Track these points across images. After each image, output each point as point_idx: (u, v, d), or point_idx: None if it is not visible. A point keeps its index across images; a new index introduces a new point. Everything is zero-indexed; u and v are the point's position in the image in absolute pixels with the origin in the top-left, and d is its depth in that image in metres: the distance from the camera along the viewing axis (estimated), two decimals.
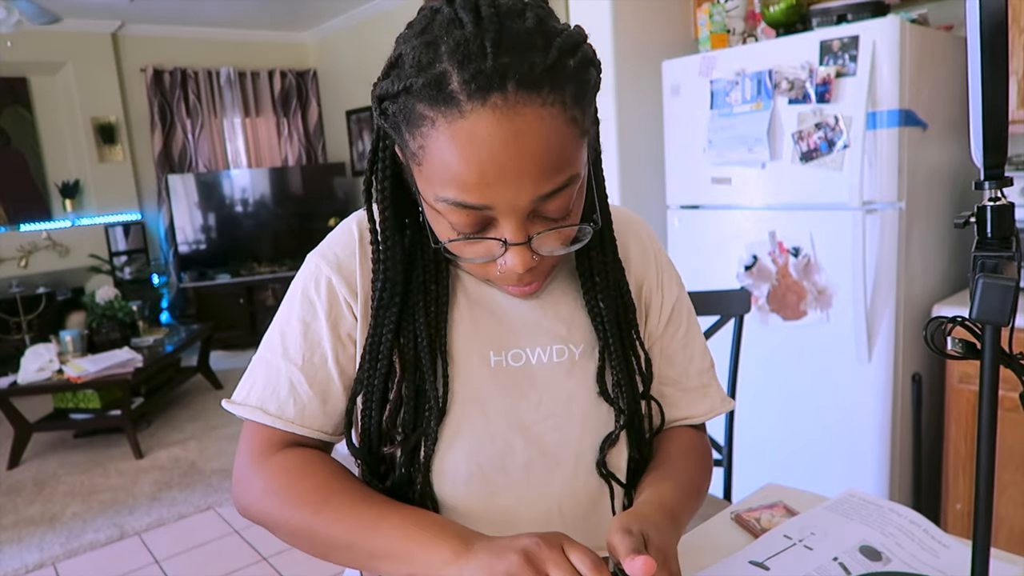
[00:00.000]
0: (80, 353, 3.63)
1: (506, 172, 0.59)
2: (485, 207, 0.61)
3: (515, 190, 0.60)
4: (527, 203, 0.61)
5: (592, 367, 0.80)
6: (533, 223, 0.65)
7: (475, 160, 0.59)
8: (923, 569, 0.77)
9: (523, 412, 0.77)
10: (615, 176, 2.49)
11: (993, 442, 0.52)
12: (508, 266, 0.66)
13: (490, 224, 0.64)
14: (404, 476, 0.75)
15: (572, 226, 0.67)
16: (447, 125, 0.59)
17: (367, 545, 0.66)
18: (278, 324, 0.78)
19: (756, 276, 2.16)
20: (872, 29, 1.82)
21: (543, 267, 0.70)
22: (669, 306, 0.87)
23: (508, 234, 0.63)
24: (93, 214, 5.23)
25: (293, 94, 5.99)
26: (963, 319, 0.54)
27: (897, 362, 1.96)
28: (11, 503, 3.06)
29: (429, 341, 0.74)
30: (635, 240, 0.87)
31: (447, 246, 0.67)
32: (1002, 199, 0.52)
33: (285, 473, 0.73)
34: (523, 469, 0.76)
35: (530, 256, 0.65)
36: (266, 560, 2.48)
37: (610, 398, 0.79)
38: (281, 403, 0.75)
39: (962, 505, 1.97)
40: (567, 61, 0.60)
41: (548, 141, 0.60)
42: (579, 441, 0.78)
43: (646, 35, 2.49)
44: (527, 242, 0.64)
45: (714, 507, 1.42)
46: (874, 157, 1.87)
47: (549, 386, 0.78)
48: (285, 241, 5.62)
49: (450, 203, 0.62)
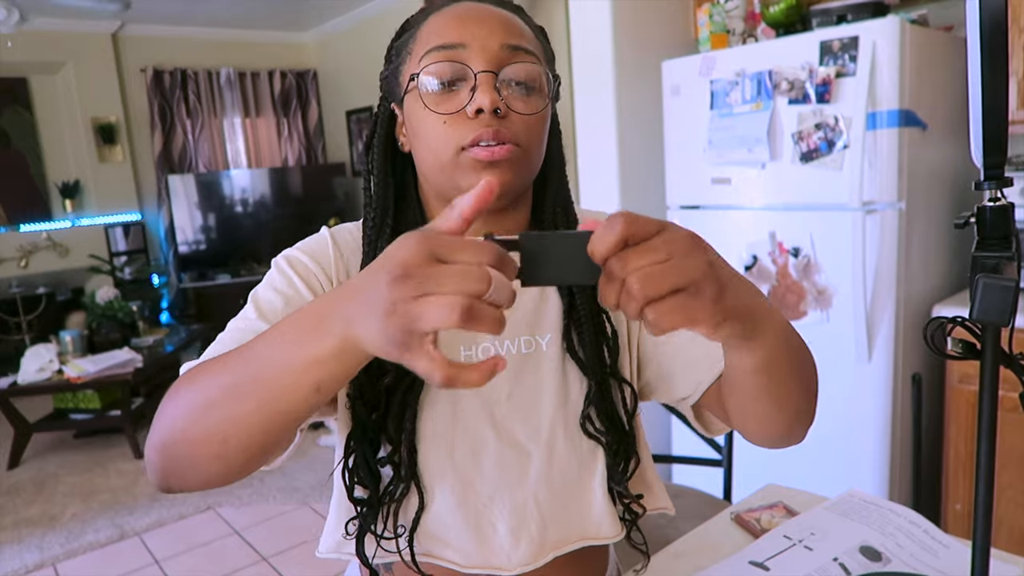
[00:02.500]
0: (80, 353, 3.63)
1: (482, 17, 0.72)
2: (460, 44, 0.70)
3: (486, 30, 0.70)
4: (496, 46, 0.70)
5: (558, 356, 0.80)
6: (503, 84, 0.71)
7: (453, 14, 0.72)
8: (923, 569, 0.77)
9: (493, 405, 0.77)
10: (615, 176, 2.48)
11: (993, 442, 0.52)
12: (477, 102, 0.69)
13: (463, 76, 0.71)
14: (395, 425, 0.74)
15: (535, 116, 0.73)
16: (436, 14, 0.74)
17: (258, 381, 0.52)
18: (251, 299, 0.76)
19: (756, 276, 2.16)
20: (872, 29, 1.82)
21: (511, 130, 0.71)
22: None
23: (478, 66, 0.70)
24: (93, 214, 5.23)
25: (293, 94, 5.99)
26: (963, 319, 0.54)
27: (897, 362, 1.96)
28: (11, 503, 3.06)
29: None
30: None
31: (426, 103, 0.71)
32: (1002, 199, 0.52)
33: (193, 370, 0.60)
34: (496, 462, 0.77)
35: (496, 95, 0.69)
36: (266, 560, 2.47)
37: (576, 356, 0.79)
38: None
39: (962, 505, 1.97)
40: (526, 16, 0.77)
41: (512, 16, 0.74)
42: (549, 431, 0.78)
43: (646, 35, 2.49)
44: (495, 73, 0.70)
45: (714, 507, 1.42)
46: (874, 157, 1.88)
47: (518, 378, 0.78)
48: (285, 241, 5.46)
49: (431, 50, 0.71)
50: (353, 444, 0.77)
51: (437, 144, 0.72)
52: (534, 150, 0.74)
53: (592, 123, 2.52)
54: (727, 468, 1.49)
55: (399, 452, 0.75)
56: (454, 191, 0.73)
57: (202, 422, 0.55)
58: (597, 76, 2.46)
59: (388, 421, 0.75)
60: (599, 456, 0.80)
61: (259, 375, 0.52)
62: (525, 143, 0.72)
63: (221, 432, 0.54)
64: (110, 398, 3.58)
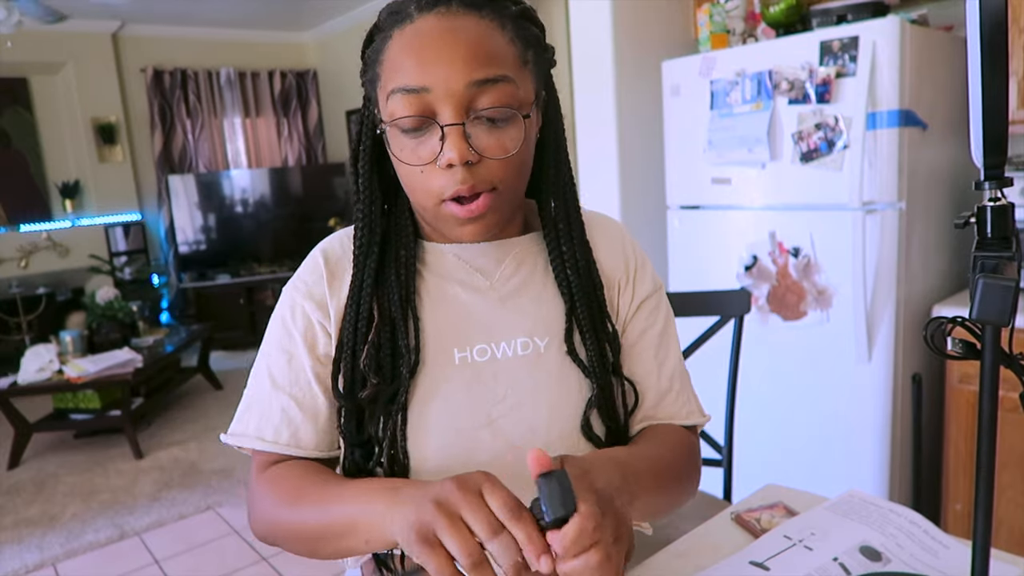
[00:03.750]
0: (80, 353, 3.63)
1: (442, 54, 0.68)
2: (423, 88, 0.68)
3: (449, 70, 0.67)
4: (461, 87, 0.68)
5: (557, 359, 0.80)
6: (473, 125, 0.70)
7: (416, 47, 0.69)
8: (923, 569, 0.77)
9: (489, 406, 0.78)
10: (615, 176, 2.49)
11: (993, 442, 0.52)
12: (446, 157, 0.68)
13: (432, 124, 0.69)
14: (382, 434, 0.77)
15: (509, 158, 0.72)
16: (399, 33, 0.71)
17: (334, 524, 0.68)
18: (263, 357, 0.83)
19: (756, 276, 2.16)
20: (872, 29, 1.82)
21: (484, 174, 0.71)
22: (640, 298, 0.87)
23: (445, 118, 0.68)
24: (93, 214, 5.23)
25: (293, 94, 5.99)
26: (963, 319, 0.54)
27: (897, 362, 1.96)
28: (11, 503, 3.06)
29: (400, 298, 0.78)
30: (604, 236, 0.88)
31: (400, 158, 0.72)
32: (1002, 199, 0.52)
33: (274, 478, 0.77)
34: (491, 462, 0.77)
35: (466, 147, 0.68)
36: (266, 560, 2.48)
37: (578, 358, 0.80)
38: (276, 429, 0.79)
39: (962, 505, 1.97)
40: (509, 4, 0.73)
41: (482, 38, 0.69)
42: (546, 432, 0.79)
43: (646, 35, 2.49)
44: (462, 124, 0.68)
45: (714, 507, 1.42)
46: (874, 157, 1.88)
47: (515, 379, 0.79)
48: (285, 241, 5.62)
49: (396, 91, 0.69)
50: (346, 450, 0.80)
51: (418, 191, 0.74)
52: (513, 183, 0.75)
53: (592, 123, 2.52)
54: (727, 468, 1.49)
55: (390, 455, 0.76)
56: (441, 230, 0.77)
57: (295, 545, 0.75)
58: (597, 76, 2.46)
59: (376, 429, 0.77)
60: None
61: (334, 544, 0.69)
62: (502, 182, 0.72)
63: (306, 549, 0.74)
64: (110, 398, 3.58)
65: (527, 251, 0.83)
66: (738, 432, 1.51)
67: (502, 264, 0.82)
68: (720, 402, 1.49)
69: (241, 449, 0.81)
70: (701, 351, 1.49)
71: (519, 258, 0.83)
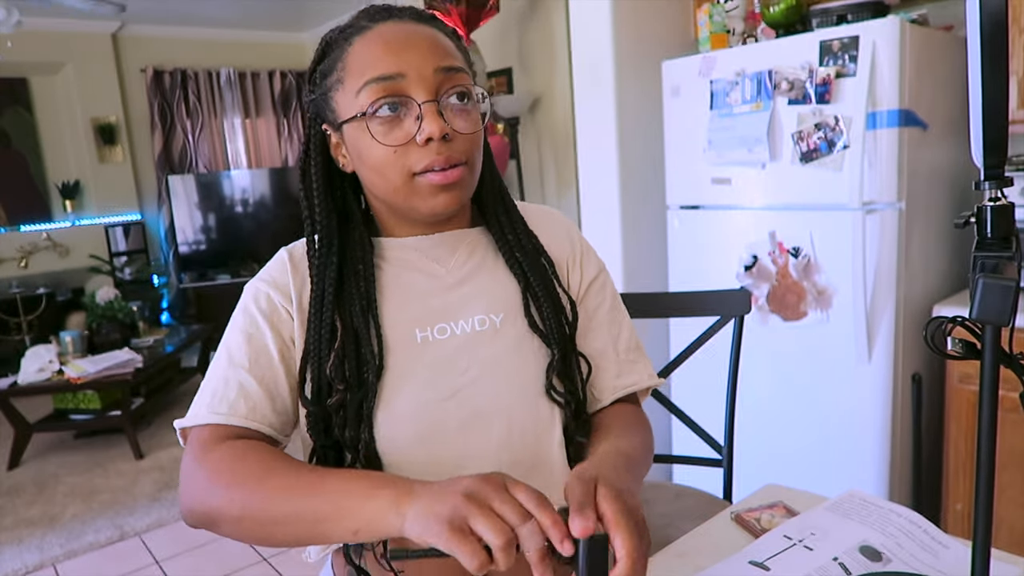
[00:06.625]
0: (80, 354, 3.63)
1: (411, 43, 0.76)
2: (398, 75, 0.75)
3: (419, 57, 0.75)
4: (430, 71, 0.75)
5: (513, 332, 0.85)
6: (444, 106, 0.76)
7: (385, 41, 0.76)
8: (923, 569, 0.77)
9: (452, 378, 0.81)
10: (615, 176, 2.48)
11: (993, 442, 0.52)
12: (426, 131, 0.74)
13: (406, 105, 0.76)
14: (351, 436, 0.78)
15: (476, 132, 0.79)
16: (361, 38, 0.78)
17: (311, 509, 0.66)
18: (224, 342, 0.83)
19: (756, 276, 2.16)
20: (872, 29, 1.82)
21: (458, 151, 0.77)
22: (588, 279, 0.93)
23: (421, 96, 0.75)
24: (93, 215, 5.23)
25: (293, 94, 5.98)
26: (963, 319, 0.54)
27: (897, 362, 1.96)
28: (11, 504, 3.06)
29: (361, 308, 0.81)
30: (545, 224, 0.93)
31: (376, 138, 0.76)
32: (1002, 199, 0.52)
33: (229, 457, 0.73)
34: (459, 430, 0.80)
35: (443, 121, 0.75)
36: (266, 560, 2.48)
37: (537, 328, 0.85)
38: (231, 403, 0.78)
39: (962, 505, 1.97)
40: (447, 28, 0.83)
41: (438, 37, 0.79)
42: (508, 398, 0.82)
43: (646, 35, 2.49)
44: (436, 101, 0.75)
45: (714, 507, 1.42)
46: (874, 157, 1.88)
47: (475, 352, 0.83)
48: (285, 241, 5.47)
49: (370, 82, 0.75)
50: (317, 448, 0.81)
51: (389, 171, 0.77)
52: (478, 163, 0.82)
53: (592, 123, 2.52)
54: (727, 468, 1.49)
55: (358, 439, 0.78)
56: (410, 211, 0.81)
57: (241, 529, 0.70)
58: (597, 76, 2.46)
59: (345, 432, 0.78)
60: (556, 420, 0.84)
61: (302, 530, 0.67)
62: (471, 159, 0.79)
63: (257, 534, 0.70)
64: (110, 398, 3.58)
65: (478, 241, 0.89)
66: (738, 432, 1.51)
67: (456, 252, 0.87)
68: (720, 402, 1.48)
69: (186, 434, 0.78)
70: (701, 351, 1.49)
71: (471, 246, 0.88)
